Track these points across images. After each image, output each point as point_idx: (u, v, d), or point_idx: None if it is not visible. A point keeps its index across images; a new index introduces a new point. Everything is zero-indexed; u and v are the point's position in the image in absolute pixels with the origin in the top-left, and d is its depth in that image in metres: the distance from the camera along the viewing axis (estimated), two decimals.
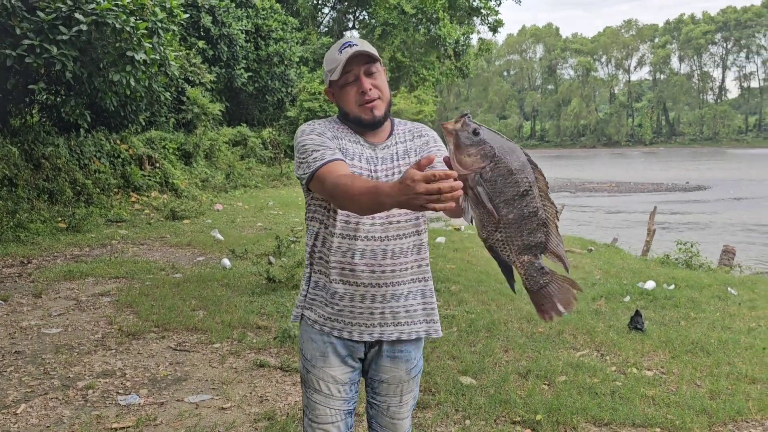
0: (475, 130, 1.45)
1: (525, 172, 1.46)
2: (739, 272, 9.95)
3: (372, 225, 1.92)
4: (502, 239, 1.49)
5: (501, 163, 1.44)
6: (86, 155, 11.63)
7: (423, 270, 2.03)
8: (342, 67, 1.90)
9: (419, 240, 2.01)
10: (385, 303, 1.96)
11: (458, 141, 1.45)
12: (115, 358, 4.39)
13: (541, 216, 1.48)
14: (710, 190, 31.26)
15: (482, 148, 1.44)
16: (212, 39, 19.15)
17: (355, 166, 1.91)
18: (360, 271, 1.92)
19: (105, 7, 7.92)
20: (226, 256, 7.84)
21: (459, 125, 1.47)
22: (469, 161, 1.44)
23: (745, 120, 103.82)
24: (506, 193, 1.44)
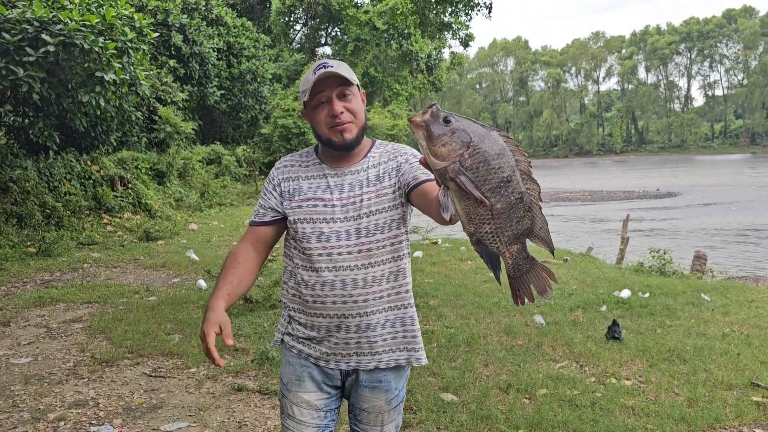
0: (445, 118, 1.38)
1: (505, 156, 1.38)
2: (711, 277, 10.10)
3: (339, 254, 1.87)
4: (491, 231, 1.41)
5: (479, 148, 1.36)
6: (56, 177, 11.42)
7: (402, 297, 1.95)
8: (311, 88, 1.87)
9: (397, 266, 1.93)
10: (360, 333, 1.91)
11: (429, 132, 1.38)
12: (88, 387, 4.28)
13: (527, 201, 1.41)
14: (680, 197, 31.81)
15: (456, 135, 1.36)
16: (183, 57, 19.04)
17: (310, 201, 1.92)
18: (331, 302, 1.89)
19: (73, 28, 7.82)
20: (201, 277, 7.74)
21: (428, 116, 1.40)
22: (445, 151, 1.36)
23: (711, 127, 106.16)
24: (491, 180, 1.36)
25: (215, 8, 21.97)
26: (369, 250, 1.87)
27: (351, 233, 1.86)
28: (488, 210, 1.38)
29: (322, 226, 1.88)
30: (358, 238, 1.86)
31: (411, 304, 1.98)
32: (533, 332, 5.49)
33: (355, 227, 1.87)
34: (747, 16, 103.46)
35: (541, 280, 1.52)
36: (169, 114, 16.56)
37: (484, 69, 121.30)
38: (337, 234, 1.87)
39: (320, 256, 1.87)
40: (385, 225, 1.88)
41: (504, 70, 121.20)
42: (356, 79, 1.95)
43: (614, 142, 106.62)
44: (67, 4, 8.22)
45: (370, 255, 1.87)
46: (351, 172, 1.94)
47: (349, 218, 1.87)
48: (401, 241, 1.93)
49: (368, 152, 1.98)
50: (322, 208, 1.89)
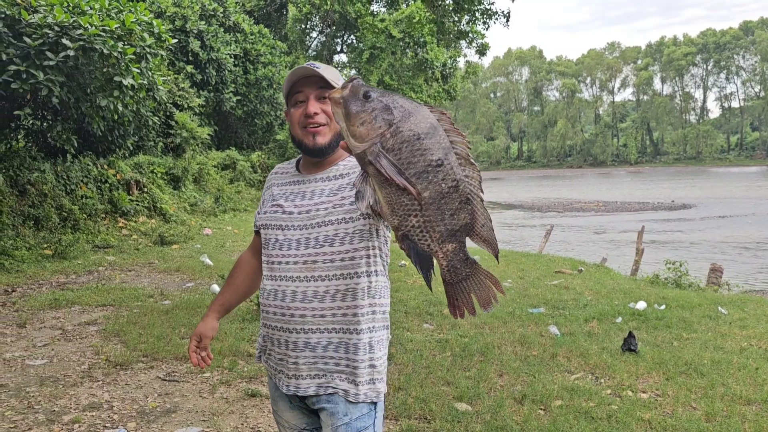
0: (366, 93, 1.20)
1: (436, 136, 1.18)
2: (727, 291, 10.00)
3: (287, 263, 1.78)
4: (419, 225, 1.21)
5: (403, 125, 1.17)
6: (73, 180, 11.53)
7: (349, 320, 1.74)
8: (291, 86, 1.81)
9: (347, 284, 1.73)
10: (298, 351, 1.76)
11: (348, 110, 1.21)
12: (102, 389, 4.30)
13: (464, 190, 1.21)
14: (695, 209, 31.55)
15: (377, 112, 1.19)
16: (201, 63, 19.19)
17: (272, 207, 1.86)
18: (272, 313, 1.80)
19: (93, 33, 7.90)
20: (215, 282, 7.77)
21: (347, 91, 1.22)
22: (364, 130, 1.19)
23: (726, 139, 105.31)
24: (416, 163, 1.17)
25: (233, 15, 22.14)
26: (314, 262, 1.74)
27: (301, 243, 1.76)
28: (414, 199, 1.19)
29: (277, 233, 1.81)
30: (306, 248, 1.75)
31: (363, 329, 1.74)
32: (548, 342, 5.44)
33: (306, 237, 1.76)
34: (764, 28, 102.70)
35: (484, 290, 1.33)
36: (186, 119, 16.68)
37: (498, 78, 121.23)
38: (289, 242, 1.78)
39: (271, 264, 1.81)
40: (336, 237, 1.73)
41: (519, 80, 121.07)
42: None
43: (629, 153, 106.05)
44: (88, 9, 8.31)
45: (315, 268, 1.74)
46: (316, 180, 1.85)
47: (303, 227, 1.77)
48: (361, 257, 1.74)
49: (340, 161, 1.86)
50: (281, 214, 1.82)
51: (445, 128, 1.19)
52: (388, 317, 1.87)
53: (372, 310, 1.78)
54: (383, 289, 1.83)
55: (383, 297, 1.82)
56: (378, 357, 1.78)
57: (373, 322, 1.78)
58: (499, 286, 1.33)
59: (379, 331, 1.81)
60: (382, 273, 1.82)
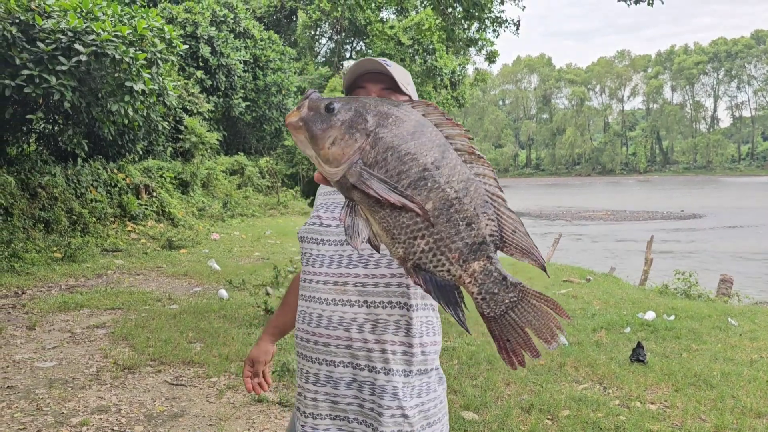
0: (328, 106, 0.99)
1: (426, 133, 0.96)
2: (738, 301, 9.91)
3: (317, 282, 1.57)
4: (430, 247, 0.97)
5: (383, 131, 0.96)
6: (83, 184, 11.61)
7: (377, 357, 1.48)
8: (354, 79, 1.57)
9: (385, 315, 1.49)
10: (318, 385, 1.55)
11: (312, 131, 0.98)
12: (110, 393, 4.31)
13: (477, 191, 0.97)
14: (705, 219, 31.37)
15: (347, 124, 0.97)
16: (210, 69, 19.31)
17: (313, 217, 1.67)
18: (298, 337, 1.60)
19: (105, 38, 7.97)
20: (223, 287, 7.78)
21: (304, 110, 1.00)
22: (337, 150, 0.96)
23: (737, 149, 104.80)
24: (408, 171, 0.95)
25: (243, 21, 22.28)
26: (345, 284, 1.51)
27: (334, 259, 1.55)
28: (417, 216, 0.95)
29: (312, 248, 1.61)
30: (339, 266, 1.53)
31: (393, 370, 1.48)
32: (555, 352, 5.41)
33: (339, 253, 1.55)
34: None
35: (542, 318, 1.01)
36: (195, 124, 16.78)
37: (507, 86, 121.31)
38: (322, 258, 1.57)
39: (303, 281, 1.61)
40: (371, 258, 1.50)
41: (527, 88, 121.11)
42: (412, 91, 1.60)
43: (638, 162, 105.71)
44: (100, 15, 8.39)
45: (345, 290, 1.51)
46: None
47: (338, 242, 1.56)
48: (398, 285, 1.49)
49: None
50: (318, 226, 1.62)
51: (435, 122, 0.98)
52: (432, 361, 1.57)
53: (408, 350, 1.51)
54: (427, 327, 1.56)
55: (426, 335, 1.55)
56: (411, 406, 1.49)
57: (408, 365, 1.51)
58: (561, 311, 1.02)
59: (419, 376, 1.53)
60: (427, 307, 1.56)
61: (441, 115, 0.98)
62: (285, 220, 18.51)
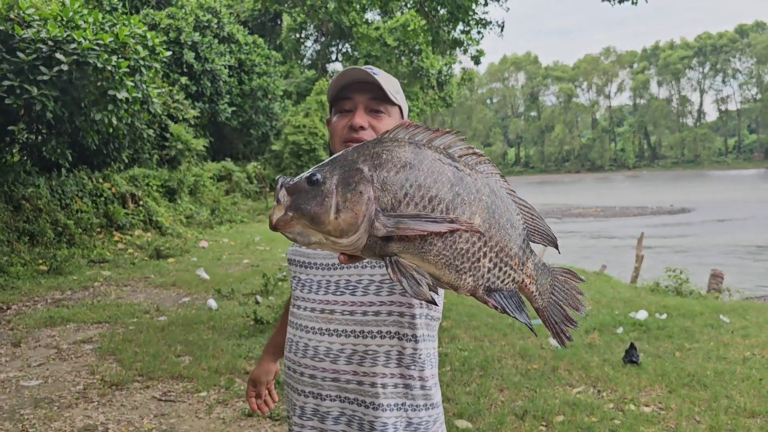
0: (309, 179, 0.89)
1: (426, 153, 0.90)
2: (728, 297, 9.93)
3: (304, 309, 1.48)
4: (494, 262, 0.92)
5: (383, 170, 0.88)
6: (68, 195, 11.47)
7: (366, 391, 1.39)
8: (338, 90, 1.48)
9: (374, 346, 1.40)
10: (304, 419, 1.47)
11: (308, 214, 0.88)
12: (98, 411, 4.22)
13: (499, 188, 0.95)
14: (694, 213, 31.51)
15: (341, 184, 0.88)
16: (195, 75, 19.19)
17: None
18: (286, 366, 1.53)
19: (86, 47, 7.88)
20: (212, 297, 7.69)
21: (286, 200, 0.90)
22: (346, 215, 0.87)
23: (724, 142, 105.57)
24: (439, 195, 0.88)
25: (227, 26, 22.16)
26: (332, 312, 1.42)
27: (321, 285, 1.46)
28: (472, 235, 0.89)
29: (300, 271, 1.52)
30: (326, 293, 1.44)
31: (384, 405, 1.38)
32: (548, 355, 5.38)
33: (327, 278, 1.46)
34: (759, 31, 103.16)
35: (570, 290, 1.05)
36: (181, 131, 16.66)
37: (494, 84, 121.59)
38: (310, 284, 1.49)
39: (293, 308, 1.52)
40: (359, 285, 1.41)
41: (515, 86, 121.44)
42: (401, 100, 1.52)
43: (626, 158, 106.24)
44: (81, 23, 8.28)
45: (332, 319, 1.41)
46: None
47: (325, 266, 1.47)
48: (389, 314, 1.39)
49: None
50: (305, 248, 1.50)
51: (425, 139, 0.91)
52: (434, 395, 1.46)
53: (401, 383, 1.41)
54: (422, 359, 1.43)
55: (423, 369, 1.43)
56: None
57: (401, 398, 1.41)
58: (577, 276, 1.06)
59: (414, 411, 1.42)
60: (426, 338, 1.45)
61: (426, 130, 0.92)
62: None
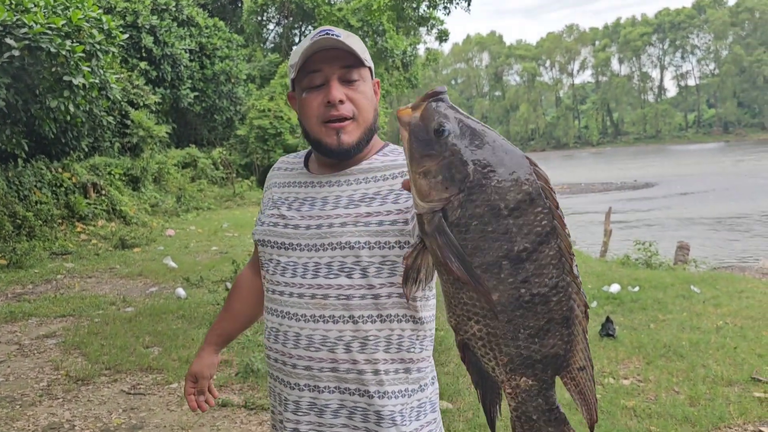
0: (438, 127, 0.80)
1: (530, 214, 0.77)
2: (695, 267, 10.09)
3: (290, 295, 1.35)
4: (481, 336, 0.83)
5: (479, 193, 0.77)
6: (26, 186, 11.06)
7: (369, 379, 1.31)
8: (302, 61, 1.32)
9: (374, 331, 1.31)
10: (299, 414, 1.36)
11: (411, 147, 0.83)
12: (63, 408, 4.05)
13: (560, 305, 0.80)
14: (657, 187, 32.09)
15: (445, 163, 0.79)
16: (155, 59, 18.65)
17: (272, 217, 1.43)
18: (272, 359, 1.41)
19: (38, 31, 7.53)
20: (180, 285, 7.50)
21: (417, 114, 0.83)
22: (425, 185, 0.80)
23: (684, 117, 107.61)
24: (487, 252, 0.78)
25: (186, 9, 21.56)
26: (325, 297, 1.31)
27: (309, 268, 1.33)
28: (478, 298, 0.80)
29: (279, 254, 1.38)
30: (315, 276, 1.32)
31: (388, 393, 1.31)
32: None
33: (315, 261, 1.33)
34: (716, 7, 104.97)
35: None
36: (142, 117, 16.19)
37: (459, 65, 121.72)
38: (294, 267, 1.35)
39: (273, 294, 1.39)
40: (356, 266, 1.30)
41: (479, 66, 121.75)
42: (370, 60, 1.39)
43: (590, 135, 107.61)
44: (32, 6, 7.91)
45: (326, 305, 1.31)
46: (330, 183, 1.38)
47: (312, 247, 1.34)
48: (388, 296, 1.30)
49: (363, 160, 1.39)
50: (282, 228, 1.38)
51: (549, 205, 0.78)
52: (427, 376, 1.39)
53: (402, 368, 1.33)
54: (422, 341, 1.37)
55: (422, 350, 1.37)
56: (411, 430, 1.33)
57: (403, 383, 1.34)
58: None
59: (415, 395, 1.36)
60: (426, 319, 1.38)
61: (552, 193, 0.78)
62: (242, 212, 18.10)
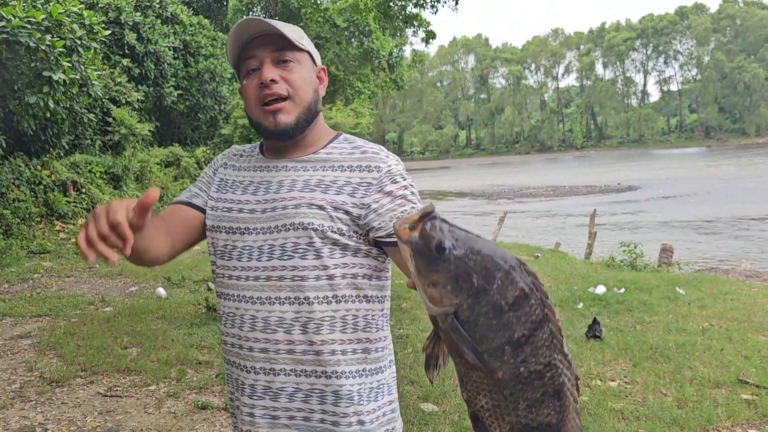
0: (439, 245, 0.90)
1: (526, 306, 0.90)
2: (679, 270, 10.13)
3: (245, 279, 1.35)
4: (488, 407, 0.95)
5: (484, 297, 0.90)
6: (3, 183, 10.82)
7: (325, 360, 1.31)
8: (239, 50, 1.36)
9: (330, 311, 1.31)
10: (255, 398, 1.35)
11: (417, 263, 0.93)
12: (35, 410, 3.91)
13: (552, 380, 0.92)
14: (640, 190, 32.34)
15: (452, 276, 0.90)
16: (138, 57, 18.41)
17: (225, 201, 1.41)
18: (229, 344, 1.39)
19: (17, 24, 7.36)
20: (161, 285, 7.36)
21: (416, 234, 0.91)
22: (435, 294, 0.91)
23: (667, 122, 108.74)
24: (491, 339, 0.91)
25: (170, 5, 21.33)
26: (281, 278, 1.31)
27: (264, 251, 1.33)
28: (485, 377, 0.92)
29: (234, 239, 1.37)
30: (270, 259, 1.32)
31: (344, 372, 1.32)
32: None
33: (270, 243, 1.33)
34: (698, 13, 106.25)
35: None
36: (124, 115, 15.96)
37: (445, 67, 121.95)
38: (249, 251, 1.35)
39: (229, 279, 1.37)
40: (310, 248, 1.31)
41: (465, 68, 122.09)
42: (309, 46, 1.42)
43: (574, 138, 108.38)
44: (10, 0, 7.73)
45: (281, 286, 1.31)
46: (287, 168, 1.39)
47: (266, 230, 1.34)
48: (342, 276, 1.32)
49: (324, 146, 1.41)
50: (237, 213, 1.38)
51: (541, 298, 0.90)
52: (386, 357, 1.40)
53: (359, 348, 1.34)
54: (377, 320, 1.38)
55: (381, 329, 1.38)
56: (368, 410, 1.34)
57: (361, 363, 1.34)
58: None
59: (372, 376, 1.37)
60: (381, 299, 1.39)
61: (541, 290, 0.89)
62: None
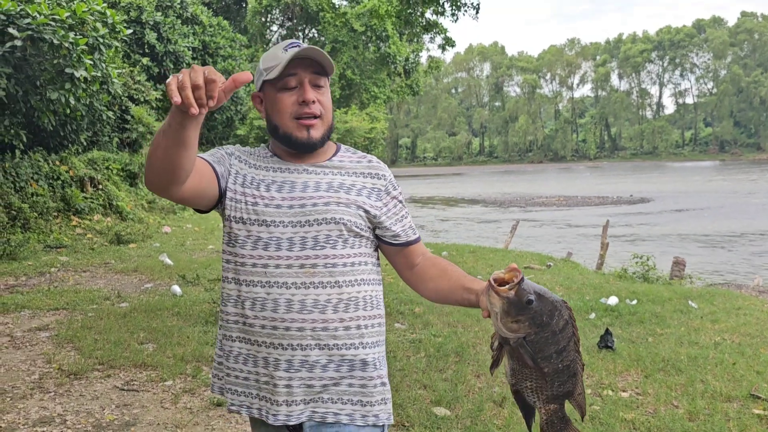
0: (528, 300, 1.39)
1: (566, 330, 1.44)
2: (690, 283, 10.09)
3: (277, 267, 1.53)
4: (532, 388, 1.48)
5: (546, 329, 1.42)
6: (22, 178, 10.98)
7: (354, 333, 1.57)
8: (284, 66, 1.53)
9: (355, 293, 1.58)
10: (292, 372, 1.54)
11: (508, 309, 1.40)
12: (54, 402, 3.98)
13: (573, 368, 1.48)
14: (653, 203, 32.18)
15: (532, 317, 1.40)
16: (157, 56, 18.61)
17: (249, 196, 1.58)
18: (258, 326, 1.56)
19: (41, 22, 7.49)
20: (176, 283, 7.44)
21: (512, 294, 1.40)
22: (516, 327, 1.41)
23: (681, 134, 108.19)
24: (545, 351, 1.43)
25: (190, 6, 21.55)
26: (314, 266, 1.53)
27: (295, 242, 1.54)
28: (534, 371, 1.44)
29: (260, 230, 1.55)
30: (303, 249, 1.53)
31: (369, 344, 1.59)
32: None
33: (301, 235, 1.54)
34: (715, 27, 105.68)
35: None
36: (142, 113, 16.14)
37: (460, 74, 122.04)
38: (278, 241, 1.54)
39: (254, 267, 1.55)
40: (339, 239, 1.55)
41: (480, 75, 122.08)
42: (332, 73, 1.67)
43: (588, 149, 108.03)
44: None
45: (315, 273, 1.53)
46: (308, 171, 1.61)
47: (297, 223, 1.54)
48: (365, 263, 1.61)
49: (333, 155, 1.66)
50: (263, 207, 1.56)
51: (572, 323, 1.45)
52: (384, 332, 1.71)
53: (377, 322, 1.64)
54: (381, 300, 1.69)
55: (382, 307, 1.69)
56: (384, 374, 1.65)
57: (378, 336, 1.65)
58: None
59: (383, 346, 1.67)
60: (378, 282, 1.69)
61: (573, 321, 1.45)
62: None
